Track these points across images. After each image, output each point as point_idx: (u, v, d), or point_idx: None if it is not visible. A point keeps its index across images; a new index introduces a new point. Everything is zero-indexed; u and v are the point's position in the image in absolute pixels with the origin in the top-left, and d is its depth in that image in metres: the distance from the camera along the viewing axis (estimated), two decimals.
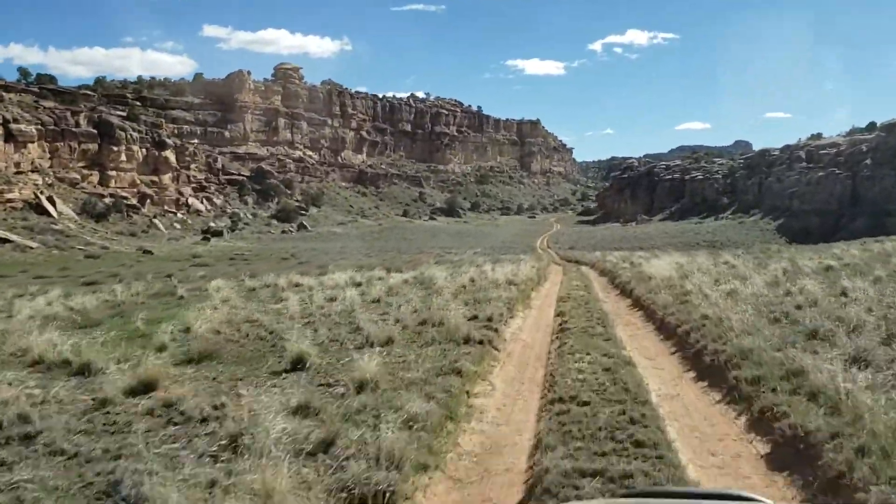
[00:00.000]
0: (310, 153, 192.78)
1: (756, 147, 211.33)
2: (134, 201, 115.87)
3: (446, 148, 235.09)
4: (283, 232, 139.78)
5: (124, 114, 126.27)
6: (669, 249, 60.94)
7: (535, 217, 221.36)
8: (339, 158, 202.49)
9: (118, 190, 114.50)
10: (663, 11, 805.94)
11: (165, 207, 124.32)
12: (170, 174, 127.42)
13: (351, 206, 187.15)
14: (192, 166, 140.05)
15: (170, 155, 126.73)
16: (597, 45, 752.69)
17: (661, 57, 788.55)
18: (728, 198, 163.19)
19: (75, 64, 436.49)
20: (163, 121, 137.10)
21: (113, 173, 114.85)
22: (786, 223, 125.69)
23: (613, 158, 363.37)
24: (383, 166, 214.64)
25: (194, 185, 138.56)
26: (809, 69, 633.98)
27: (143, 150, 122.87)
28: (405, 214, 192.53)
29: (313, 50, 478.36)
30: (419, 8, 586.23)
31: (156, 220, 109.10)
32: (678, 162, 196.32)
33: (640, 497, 2.89)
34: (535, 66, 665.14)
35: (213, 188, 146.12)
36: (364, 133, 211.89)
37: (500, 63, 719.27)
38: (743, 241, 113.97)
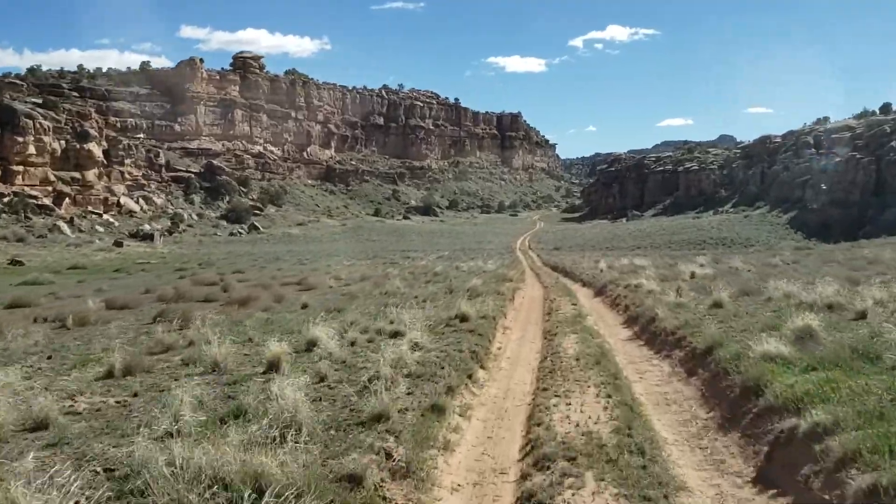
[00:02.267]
0: (271, 148, 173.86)
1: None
2: (47, 201, 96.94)
3: (422, 142, 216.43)
4: (232, 234, 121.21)
5: (39, 101, 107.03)
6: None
7: (517, 215, 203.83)
8: (304, 154, 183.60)
9: (25, 187, 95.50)
10: (644, 6, 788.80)
11: (90, 208, 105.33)
12: (95, 170, 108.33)
13: (317, 205, 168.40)
14: (128, 161, 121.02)
15: (94, 148, 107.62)
16: (578, 42, 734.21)
17: (643, 53, 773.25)
18: (726, 190, 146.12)
19: (50, 67, 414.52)
20: (91, 110, 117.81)
21: (18, 168, 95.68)
22: (799, 216, 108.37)
23: (597, 155, 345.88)
24: (353, 162, 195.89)
25: (129, 182, 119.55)
26: (790, 63, 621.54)
27: (62, 141, 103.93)
28: (377, 213, 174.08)
29: (293, 50, 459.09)
30: (398, 6, 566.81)
31: (61, 223, 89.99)
32: (669, 153, 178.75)
33: None
34: (515, 64, 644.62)
35: (153, 186, 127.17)
36: (332, 127, 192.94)
37: (481, 61, 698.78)
38: (756, 238, 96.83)
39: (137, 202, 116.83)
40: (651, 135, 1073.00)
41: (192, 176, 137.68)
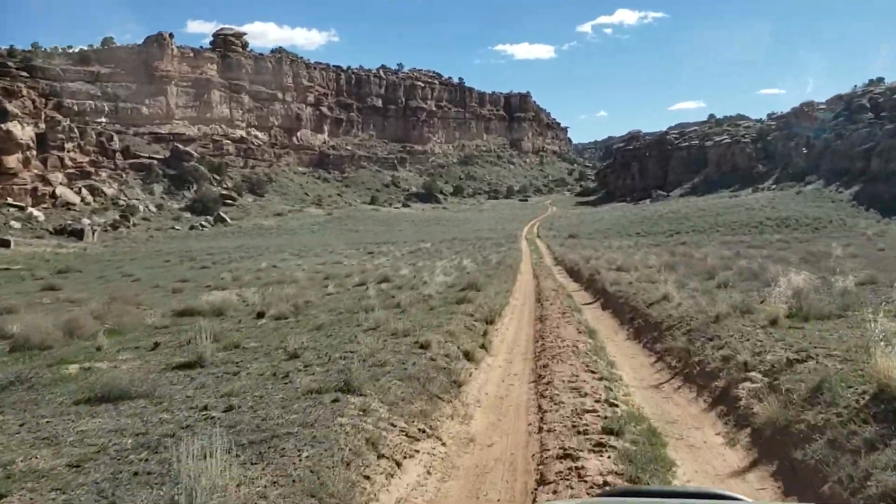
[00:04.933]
0: (256, 133, 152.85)
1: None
2: None
3: (423, 125, 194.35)
4: (193, 227, 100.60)
5: None
6: None
7: (527, 200, 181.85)
8: (294, 139, 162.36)
9: None
10: None
11: (10, 199, 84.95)
12: (19, 155, 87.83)
13: (306, 193, 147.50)
14: (70, 146, 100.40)
15: (16, 129, 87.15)
16: (586, 27, 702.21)
17: (652, 36, 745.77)
18: (764, 164, 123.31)
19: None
20: (22, 86, 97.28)
21: None
22: (866, 190, 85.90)
23: (610, 138, 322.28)
24: (349, 147, 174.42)
25: (72, 170, 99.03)
26: (801, 43, 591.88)
27: None
28: (373, 202, 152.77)
29: (301, 42, 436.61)
30: None
31: None
32: (695, 128, 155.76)
33: (620, 497, 2.68)
34: (524, 51, 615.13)
35: (104, 174, 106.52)
36: (325, 109, 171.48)
37: (489, 48, 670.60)
38: (827, 218, 74.48)
39: (79, 193, 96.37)
40: (664, 119, 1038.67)
41: (155, 162, 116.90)
